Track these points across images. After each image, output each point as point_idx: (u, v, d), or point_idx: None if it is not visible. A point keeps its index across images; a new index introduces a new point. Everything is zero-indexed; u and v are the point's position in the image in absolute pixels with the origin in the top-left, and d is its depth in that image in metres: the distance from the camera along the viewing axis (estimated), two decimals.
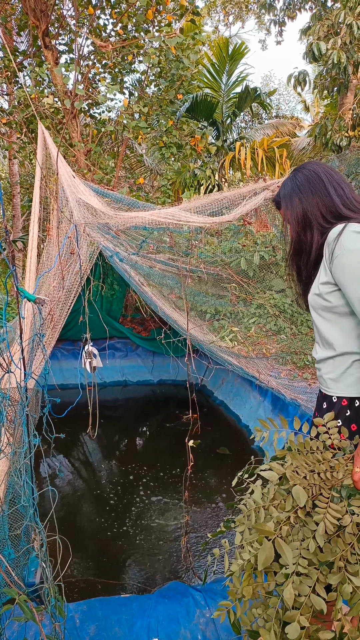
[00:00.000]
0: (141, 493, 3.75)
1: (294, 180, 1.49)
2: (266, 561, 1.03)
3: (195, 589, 1.95)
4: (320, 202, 1.42)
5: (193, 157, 7.57)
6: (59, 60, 6.66)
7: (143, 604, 1.83)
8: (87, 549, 3.04)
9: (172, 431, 5.16)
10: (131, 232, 2.51)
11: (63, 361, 6.28)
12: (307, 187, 1.44)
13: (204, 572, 1.73)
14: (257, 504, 1.16)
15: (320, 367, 1.47)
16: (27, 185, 12.58)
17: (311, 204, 1.42)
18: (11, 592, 0.96)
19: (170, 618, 1.75)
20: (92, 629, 1.71)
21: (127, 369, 6.67)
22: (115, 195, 2.60)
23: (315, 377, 4.74)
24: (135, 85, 8.70)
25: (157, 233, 2.59)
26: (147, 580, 2.74)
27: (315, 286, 1.42)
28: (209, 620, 1.75)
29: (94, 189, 2.43)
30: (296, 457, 1.22)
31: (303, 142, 10.98)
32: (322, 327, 1.42)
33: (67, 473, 4.26)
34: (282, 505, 1.14)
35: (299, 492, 1.12)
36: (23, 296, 1.39)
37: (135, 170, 10.55)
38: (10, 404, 1.20)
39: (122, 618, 1.75)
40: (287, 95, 22.01)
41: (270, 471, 1.21)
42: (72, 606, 1.82)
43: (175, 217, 1.82)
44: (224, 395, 5.81)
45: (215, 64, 9.44)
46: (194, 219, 1.89)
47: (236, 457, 4.44)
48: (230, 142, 10.24)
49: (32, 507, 1.14)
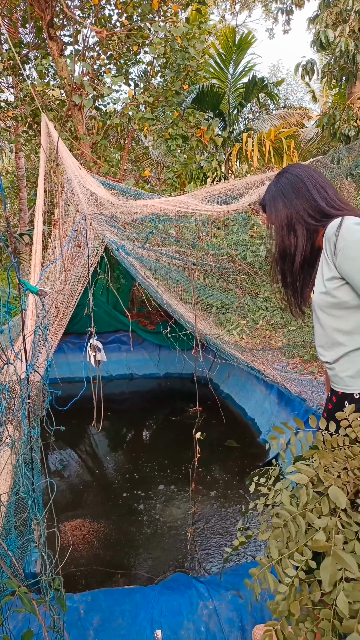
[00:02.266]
0: (147, 485, 3.76)
1: (277, 184, 1.49)
2: (332, 579, 0.93)
3: (199, 581, 1.95)
4: (306, 204, 1.42)
5: (199, 149, 7.50)
6: (64, 51, 6.61)
7: (147, 595, 1.84)
8: (93, 539, 3.06)
9: (178, 424, 5.17)
10: (137, 224, 2.49)
11: (70, 354, 6.31)
12: (291, 190, 1.44)
13: (222, 565, 1.69)
14: (292, 512, 1.08)
15: (335, 366, 1.43)
16: (33, 178, 12.57)
17: (296, 207, 1.42)
18: (11, 584, 0.96)
19: (174, 610, 1.76)
20: (96, 619, 1.72)
21: (133, 362, 6.68)
22: (122, 187, 2.58)
23: (322, 371, 4.71)
24: (140, 76, 8.63)
25: (162, 225, 2.57)
26: (152, 570, 2.75)
27: (320, 284, 1.39)
28: (212, 612, 1.75)
29: (100, 181, 2.41)
30: (325, 456, 1.15)
31: (311, 132, 10.85)
32: (331, 325, 1.39)
33: (72, 465, 4.29)
34: (318, 509, 1.06)
35: (336, 493, 1.04)
36: (25, 288, 1.38)
37: (141, 163, 10.50)
38: (10, 396, 1.20)
39: (125, 609, 1.76)
40: (295, 85, 21.70)
41: (299, 474, 1.13)
42: (76, 597, 1.84)
43: (183, 204, 1.81)
44: (230, 389, 5.80)
45: (222, 53, 9.31)
46: (202, 207, 1.87)
47: (242, 450, 4.44)
48: (237, 133, 10.13)
49: (30, 498, 1.14)
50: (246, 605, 1.72)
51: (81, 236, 2.14)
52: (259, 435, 4.63)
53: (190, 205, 1.83)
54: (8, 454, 1.44)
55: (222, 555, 2.81)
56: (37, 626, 1.61)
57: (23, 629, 1.55)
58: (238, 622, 1.71)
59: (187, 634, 1.69)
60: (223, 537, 3.07)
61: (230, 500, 3.56)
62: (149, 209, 1.86)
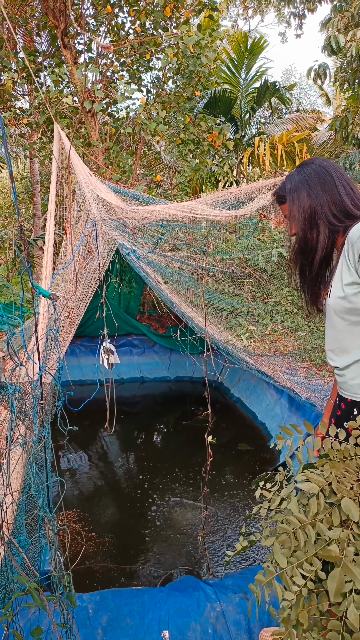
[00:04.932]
0: (158, 487, 3.78)
1: (301, 173, 1.41)
2: (338, 590, 0.93)
3: (207, 583, 1.96)
4: (330, 199, 1.36)
5: (211, 154, 7.54)
6: (78, 59, 6.72)
7: (155, 596, 1.86)
8: (104, 539, 3.09)
9: (189, 427, 5.18)
10: (147, 229, 2.52)
11: (82, 357, 6.37)
12: (317, 182, 1.37)
13: (226, 561, 1.69)
14: (302, 521, 1.07)
15: (344, 373, 1.40)
16: (47, 184, 12.75)
17: (321, 200, 1.36)
18: (22, 580, 0.99)
19: (181, 611, 1.77)
20: (104, 619, 1.75)
21: (144, 365, 6.71)
22: (132, 193, 2.62)
23: (334, 376, 4.68)
24: (153, 82, 8.72)
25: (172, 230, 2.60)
26: (161, 571, 2.77)
27: (338, 289, 1.35)
28: (220, 614, 1.76)
29: (111, 187, 2.45)
30: (337, 466, 1.14)
31: (323, 136, 10.81)
32: (345, 331, 1.36)
33: (84, 465, 4.33)
34: (329, 519, 1.05)
35: (350, 505, 1.03)
36: (38, 292, 1.42)
37: (153, 168, 10.58)
38: (21, 397, 1.24)
39: (133, 609, 1.78)
40: (308, 88, 21.63)
41: (309, 483, 1.12)
42: (85, 596, 1.86)
43: (192, 210, 1.82)
44: (241, 393, 5.79)
45: (234, 58, 9.37)
46: (211, 212, 1.89)
47: (253, 454, 4.43)
48: (249, 137, 10.16)
49: (41, 496, 1.17)
50: (249, 609, 1.72)
51: (92, 241, 2.18)
52: (269, 440, 4.62)
53: (199, 210, 1.85)
54: (19, 454, 1.47)
55: (231, 559, 2.82)
56: (47, 623, 1.64)
57: (33, 626, 1.58)
58: (245, 624, 1.72)
59: (195, 636, 1.70)
60: (233, 541, 3.07)
61: (240, 504, 3.56)
62: (158, 214, 1.89)
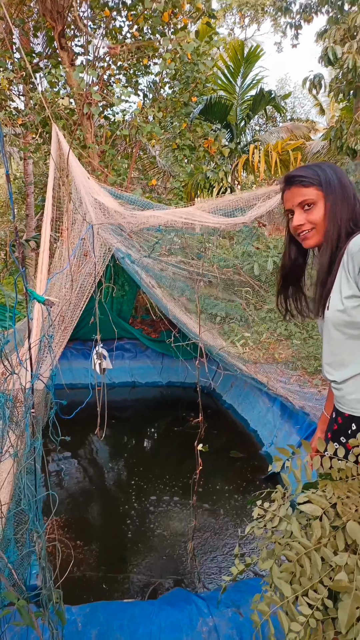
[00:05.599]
0: (148, 495, 3.73)
1: (334, 168, 1.37)
2: (350, 621, 0.89)
3: (199, 597, 1.92)
4: (352, 203, 1.34)
5: (206, 159, 7.55)
6: (75, 61, 6.70)
7: (145, 609, 1.81)
8: (92, 546, 3.03)
9: (180, 433, 5.14)
10: (144, 234, 2.50)
11: (73, 361, 6.30)
12: (349, 185, 1.35)
13: (221, 593, 1.64)
14: (307, 547, 1.02)
15: (342, 387, 1.37)
16: (41, 185, 12.68)
17: (349, 205, 1.33)
18: (10, 596, 0.95)
19: (173, 626, 1.73)
20: (93, 633, 1.70)
21: (136, 370, 6.66)
22: (129, 197, 2.59)
23: (326, 384, 4.68)
24: (150, 87, 8.73)
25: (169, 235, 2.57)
26: (151, 580, 2.72)
27: (337, 301, 1.31)
28: (212, 629, 1.72)
29: (108, 191, 2.42)
30: (339, 487, 1.10)
31: (317, 145, 10.90)
32: (343, 345, 1.33)
33: (74, 473, 4.26)
34: (333, 543, 1.01)
35: (355, 530, 0.99)
36: (32, 297, 1.38)
37: (148, 172, 10.58)
38: (14, 406, 1.20)
39: (124, 624, 1.74)
40: (302, 98, 21.88)
41: (311, 505, 1.07)
42: (74, 609, 1.81)
43: (190, 216, 1.80)
44: (233, 399, 5.77)
45: (230, 66, 9.42)
46: (209, 219, 1.87)
47: (245, 462, 4.40)
48: (244, 144, 10.21)
49: (32, 511, 1.13)
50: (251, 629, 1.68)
51: (88, 245, 2.15)
52: (261, 447, 4.60)
53: (197, 217, 1.83)
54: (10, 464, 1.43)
55: (222, 570, 2.78)
56: (34, 638, 1.59)
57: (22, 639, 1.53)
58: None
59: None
60: (223, 552, 3.03)
61: (231, 513, 3.52)
62: (156, 219, 1.86)
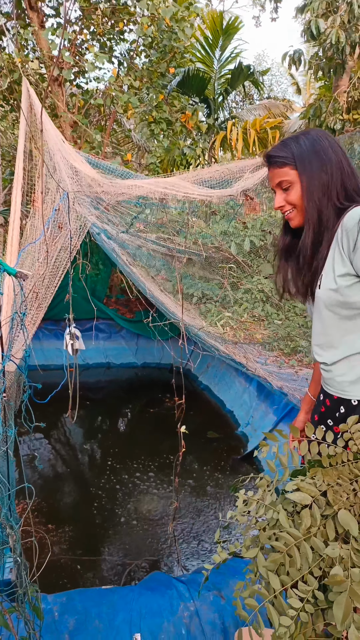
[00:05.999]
0: (124, 476, 3.68)
1: (311, 139, 1.26)
2: (345, 617, 0.85)
3: (179, 580, 1.89)
4: (338, 176, 1.23)
5: (183, 135, 7.34)
6: (45, 23, 6.29)
7: (125, 596, 1.76)
8: (67, 531, 2.97)
9: (155, 415, 5.09)
10: (122, 207, 2.36)
11: (45, 341, 6.12)
12: (331, 152, 1.24)
13: (202, 583, 1.60)
14: (296, 537, 0.97)
15: (332, 369, 1.32)
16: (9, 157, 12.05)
17: (334, 175, 1.23)
18: None
19: (153, 611, 1.69)
20: (71, 622, 1.64)
21: (110, 350, 6.55)
22: (107, 166, 2.42)
23: (302, 365, 4.70)
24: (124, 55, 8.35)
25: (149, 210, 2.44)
26: (127, 564, 2.68)
27: (330, 280, 1.24)
28: (194, 613, 1.69)
29: (86, 158, 2.25)
30: (329, 474, 1.05)
31: (295, 124, 10.79)
32: (335, 325, 1.27)
33: (46, 455, 4.16)
34: (323, 533, 0.96)
35: (347, 519, 0.94)
36: (2, 269, 1.25)
37: (122, 147, 10.23)
38: None
39: (102, 611, 1.68)
40: (279, 76, 21.59)
41: (300, 493, 1.02)
42: (50, 598, 1.74)
43: (174, 186, 1.68)
44: (209, 380, 5.76)
45: (209, 37, 9.11)
46: (195, 191, 1.75)
47: (221, 442, 4.41)
48: (222, 121, 9.99)
49: (5, 505, 1.04)
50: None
51: (62, 216, 2.00)
52: (237, 427, 4.61)
53: (181, 188, 1.71)
54: None
55: (200, 552, 2.77)
56: (6, 635, 1.51)
57: None
58: (220, 624, 1.66)
59: (168, 637, 1.62)
60: (202, 532, 3.02)
61: (209, 493, 3.52)
62: (137, 190, 1.74)
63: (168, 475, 3.68)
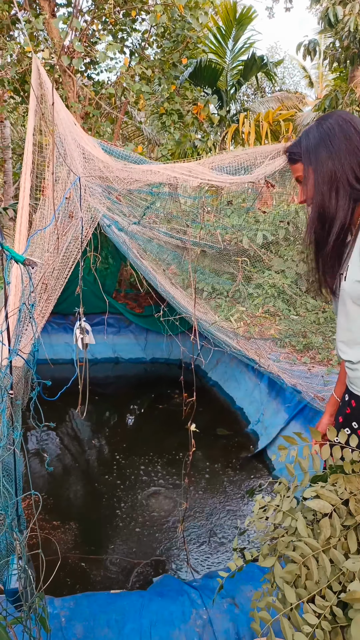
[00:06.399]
0: (131, 473, 3.61)
1: (320, 128, 1.21)
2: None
3: (191, 586, 1.81)
4: (355, 162, 1.16)
5: (194, 127, 7.20)
6: (56, 13, 6.19)
7: (135, 602, 1.69)
8: (75, 529, 2.91)
9: (164, 411, 5.02)
10: (134, 197, 2.26)
11: (53, 335, 6.07)
12: (342, 139, 1.17)
13: (217, 591, 1.52)
14: (314, 548, 0.90)
15: (357, 367, 1.25)
16: (20, 150, 12.00)
17: (342, 162, 1.17)
18: None
19: (165, 619, 1.61)
20: (79, 629, 1.57)
21: (119, 345, 6.47)
22: (121, 152, 2.32)
23: (315, 362, 4.59)
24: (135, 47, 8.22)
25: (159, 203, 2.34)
26: (137, 565, 2.62)
27: (355, 272, 1.18)
28: (207, 622, 1.61)
29: (98, 143, 2.15)
30: (352, 481, 0.99)
31: (308, 117, 10.59)
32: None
33: (54, 450, 4.11)
34: (344, 545, 0.89)
35: None
36: (9, 256, 1.17)
37: (133, 140, 10.12)
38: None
39: (112, 618, 1.61)
40: (292, 68, 21.28)
41: (319, 500, 0.95)
42: (57, 602, 1.67)
43: (192, 172, 1.58)
44: (218, 376, 5.66)
45: (222, 27, 8.96)
46: (214, 177, 1.66)
47: (230, 440, 4.33)
48: (234, 113, 9.84)
49: (9, 516, 0.97)
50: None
51: (73, 205, 1.91)
52: (247, 425, 4.52)
53: (199, 174, 1.62)
54: None
55: (211, 554, 2.70)
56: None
57: None
58: (234, 634, 1.58)
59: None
60: (212, 532, 2.94)
61: (218, 491, 3.44)
62: (152, 176, 1.64)
63: (176, 472, 3.60)
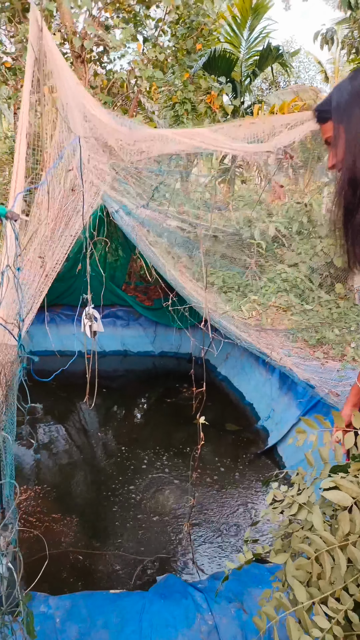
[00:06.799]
0: (138, 467, 3.51)
1: (355, 84, 1.06)
2: None
3: (195, 588, 1.69)
4: None
5: (207, 117, 7.04)
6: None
7: (135, 603, 1.57)
8: (78, 522, 2.81)
9: (172, 405, 4.91)
10: (142, 175, 2.13)
11: (61, 326, 5.99)
12: None
13: (221, 583, 1.41)
14: (330, 543, 0.80)
15: None
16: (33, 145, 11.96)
17: None
18: None
19: (167, 623, 1.50)
20: (74, 631, 1.46)
21: (128, 338, 6.37)
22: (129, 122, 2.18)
23: (328, 357, 4.43)
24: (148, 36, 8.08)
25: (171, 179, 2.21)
26: (141, 562, 2.50)
27: None
28: (212, 628, 1.49)
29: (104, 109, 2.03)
30: None
31: None
32: None
33: (60, 442, 4.02)
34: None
35: None
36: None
37: None
38: None
39: (110, 620, 1.50)
40: (307, 63, 20.90)
41: (338, 492, 0.86)
42: (52, 602, 1.57)
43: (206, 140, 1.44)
44: (228, 371, 5.53)
45: (237, 17, 8.74)
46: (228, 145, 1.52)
47: (239, 436, 4.20)
48: (248, 105, 9.64)
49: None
50: None
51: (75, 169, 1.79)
52: (257, 421, 4.39)
53: (212, 141, 1.48)
54: None
55: (219, 554, 2.57)
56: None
57: None
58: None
59: None
60: (219, 530, 2.82)
61: (227, 488, 3.31)
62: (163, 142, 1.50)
63: (184, 466, 3.49)
